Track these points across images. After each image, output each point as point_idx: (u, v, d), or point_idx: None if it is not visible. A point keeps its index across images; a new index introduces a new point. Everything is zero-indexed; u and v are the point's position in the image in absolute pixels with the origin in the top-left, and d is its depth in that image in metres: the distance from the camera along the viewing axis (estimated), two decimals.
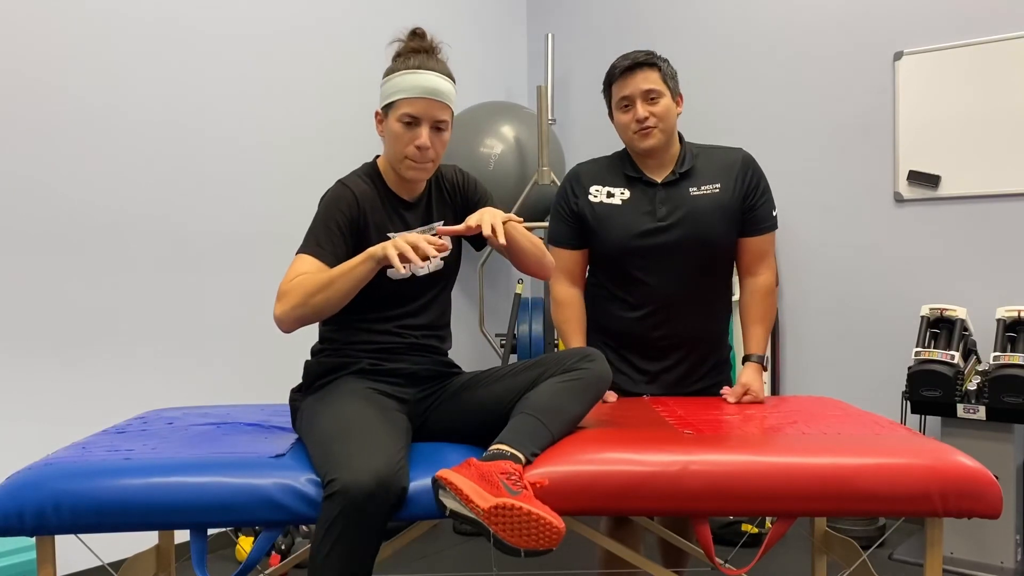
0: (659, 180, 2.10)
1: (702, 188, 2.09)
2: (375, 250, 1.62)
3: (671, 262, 2.09)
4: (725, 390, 2.13)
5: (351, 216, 1.76)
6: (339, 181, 1.81)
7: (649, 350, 2.16)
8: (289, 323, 1.67)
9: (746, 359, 2.14)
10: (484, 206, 1.89)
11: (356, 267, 1.64)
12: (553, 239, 2.20)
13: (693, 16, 4.08)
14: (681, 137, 2.16)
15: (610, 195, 2.12)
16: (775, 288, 2.16)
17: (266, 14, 3.39)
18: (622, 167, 2.15)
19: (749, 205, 2.11)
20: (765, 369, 2.13)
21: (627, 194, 2.11)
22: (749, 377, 2.09)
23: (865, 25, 3.60)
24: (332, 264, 1.72)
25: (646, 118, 2.04)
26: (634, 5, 4.28)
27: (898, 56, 3.50)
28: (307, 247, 1.74)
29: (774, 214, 2.14)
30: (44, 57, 2.74)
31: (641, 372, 2.17)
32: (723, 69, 3.98)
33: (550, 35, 4.24)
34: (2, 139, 2.65)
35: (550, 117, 4.11)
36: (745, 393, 2.07)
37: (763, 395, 2.10)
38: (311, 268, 1.70)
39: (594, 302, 2.21)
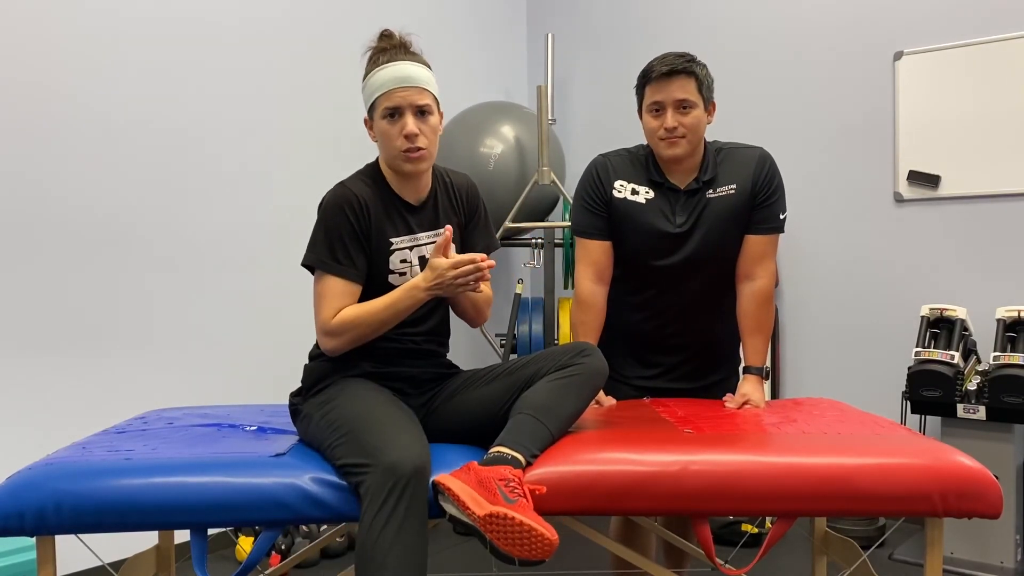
0: (682, 187, 2.07)
1: (719, 191, 2.06)
2: (422, 293, 1.68)
3: (684, 273, 2.09)
4: (727, 397, 2.13)
5: (357, 220, 1.74)
6: (340, 184, 1.77)
7: (661, 348, 2.17)
8: (339, 352, 1.75)
9: (746, 370, 2.11)
10: (480, 226, 1.92)
11: (406, 307, 1.70)
12: (579, 229, 2.14)
13: (693, 16, 4.08)
14: (706, 141, 2.11)
15: (635, 192, 2.09)
16: (772, 294, 2.11)
17: (266, 16, 3.39)
18: (647, 169, 2.10)
19: (757, 204, 2.07)
20: (766, 379, 2.11)
21: (651, 194, 2.08)
22: (749, 388, 2.07)
23: (865, 25, 3.60)
24: (358, 280, 1.73)
25: (675, 128, 1.99)
26: (634, 5, 4.28)
27: (898, 56, 3.50)
28: (326, 265, 1.72)
29: (781, 217, 2.09)
30: (44, 62, 2.74)
31: (654, 366, 2.18)
32: (723, 69, 3.98)
33: (550, 35, 4.24)
34: (7, 144, 2.65)
35: (550, 117, 4.11)
36: (745, 403, 2.05)
37: (763, 405, 2.08)
38: (343, 291, 1.72)
39: (609, 302, 2.19)
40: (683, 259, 2.07)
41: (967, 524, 2.95)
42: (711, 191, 2.07)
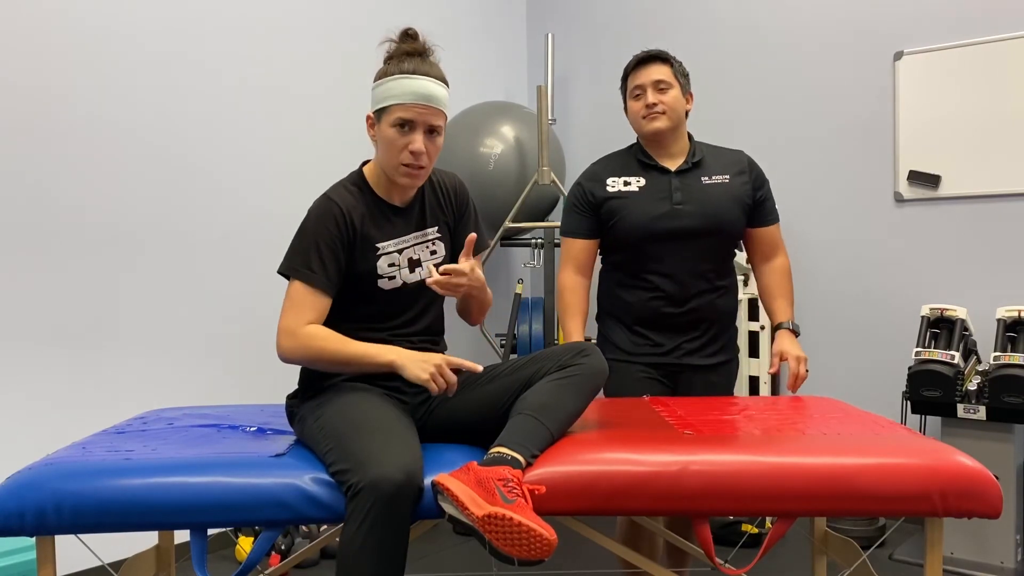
0: (673, 169, 2.21)
1: (713, 178, 2.21)
2: (402, 364, 1.64)
3: (687, 245, 2.18)
4: (773, 362, 2.19)
5: (339, 231, 1.74)
6: (324, 195, 1.78)
7: (664, 329, 2.22)
8: (291, 361, 1.73)
9: (777, 328, 2.24)
10: (470, 224, 1.93)
11: (373, 363, 1.68)
12: (565, 230, 2.29)
13: (693, 16, 4.08)
14: (690, 135, 2.28)
15: (627, 184, 2.22)
16: (790, 268, 2.32)
17: (265, 17, 3.39)
18: (636, 156, 2.25)
19: (759, 199, 2.25)
20: (797, 335, 2.24)
21: (643, 181, 2.21)
22: (783, 344, 2.19)
23: (865, 25, 3.60)
24: (327, 289, 1.72)
25: (655, 104, 2.16)
26: (634, 5, 4.28)
27: (898, 56, 3.50)
28: (300, 272, 1.72)
29: (776, 207, 2.32)
30: (42, 64, 2.74)
31: (657, 344, 2.22)
32: (724, 69, 3.98)
33: (550, 35, 4.24)
34: (6, 144, 2.65)
35: (550, 117, 4.11)
36: (782, 359, 2.17)
37: (801, 353, 2.17)
38: (311, 300, 1.71)
39: (608, 291, 2.29)
40: (682, 229, 2.16)
41: (967, 524, 2.95)
42: (706, 178, 2.21)
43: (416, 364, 1.64)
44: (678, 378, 2.24)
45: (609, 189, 2.21)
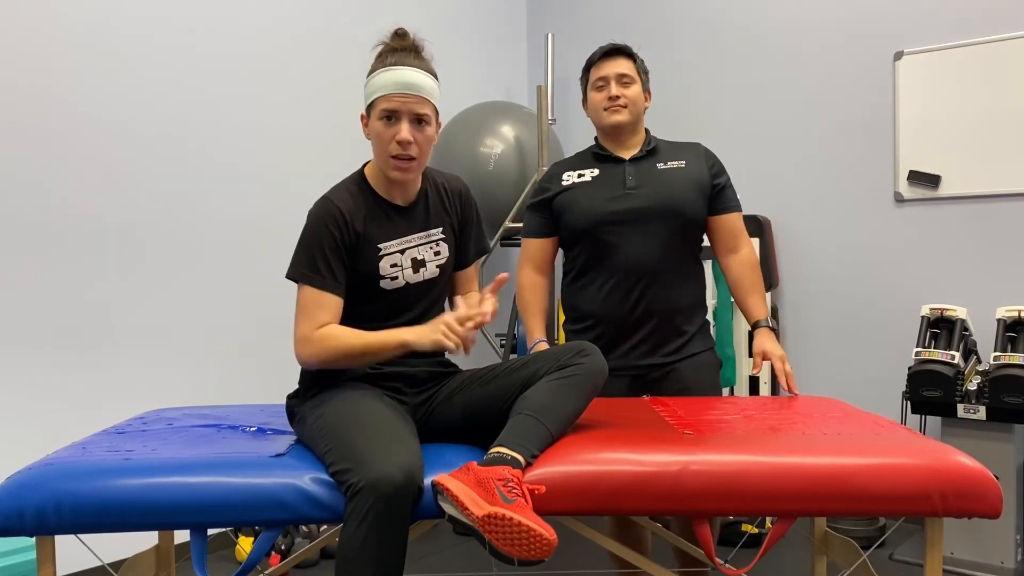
0: (627, 158, 2.24)
1: (668, 163, 2.23)
2: (415, 338, 1.68)
3: (642, 227, 2.16)
4: (756, 363, 2.19)
5: (340, 234, 1.75)
6: (324, 196, 1.78)
7: (623, 324, 2.18)
8: (311, 366, 1.74)
9: (755, 327, 2.23)
10: (473, 229, 1.95)
11: (389, 347, 1.70)
12: (523, 231, 2.34)
13: (693, 16, 4.08)
14: (647, 129, 2.33)
15: (581, 175, 2.26)
16: (757, 260, 2.28)
17: (263, 16, 3.39)
18: (592, 151, 2.30)
19: (718, 185, 2.24)
20: (775, 330, 2.24)
21: (597, 171, 2.25)
22: (766, 343, 2.19)
23: (865, 25, 3.60)
24: (338, 292, 1.74)
25: (618, 97, 2.20)
26: (634, 5, 4.28)
27: (898, 56, 3.50)
28: (307, 277, 1.73)
29: (738, 197, 2.30)
30: (42, 64, 2.74)
31: (616, 346, 2.19)
32: (723, 69, 3.98)
33: (550, 35, 4.24)
34: (6, 144, 2.65)
35: (550, 117, 4.11)
36: (765, 359, 2.16)
37: (782, 352, 2.18)
38: (323, 302, 1.72)
39: (568, 288, 2.29)
40: (635, 210, 2.16)
41: (967, 524, 2.95)
42: (661, 164, 2.23)
43: (426, 333, 1.67)
44: (645, 379, 2.20)
45: (563, 183, 2.25)
